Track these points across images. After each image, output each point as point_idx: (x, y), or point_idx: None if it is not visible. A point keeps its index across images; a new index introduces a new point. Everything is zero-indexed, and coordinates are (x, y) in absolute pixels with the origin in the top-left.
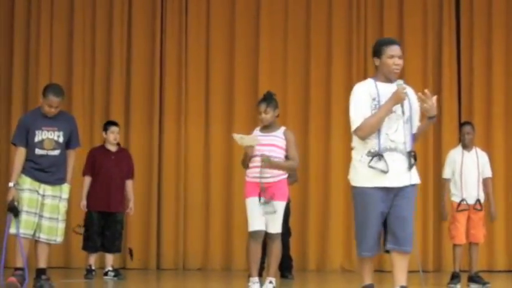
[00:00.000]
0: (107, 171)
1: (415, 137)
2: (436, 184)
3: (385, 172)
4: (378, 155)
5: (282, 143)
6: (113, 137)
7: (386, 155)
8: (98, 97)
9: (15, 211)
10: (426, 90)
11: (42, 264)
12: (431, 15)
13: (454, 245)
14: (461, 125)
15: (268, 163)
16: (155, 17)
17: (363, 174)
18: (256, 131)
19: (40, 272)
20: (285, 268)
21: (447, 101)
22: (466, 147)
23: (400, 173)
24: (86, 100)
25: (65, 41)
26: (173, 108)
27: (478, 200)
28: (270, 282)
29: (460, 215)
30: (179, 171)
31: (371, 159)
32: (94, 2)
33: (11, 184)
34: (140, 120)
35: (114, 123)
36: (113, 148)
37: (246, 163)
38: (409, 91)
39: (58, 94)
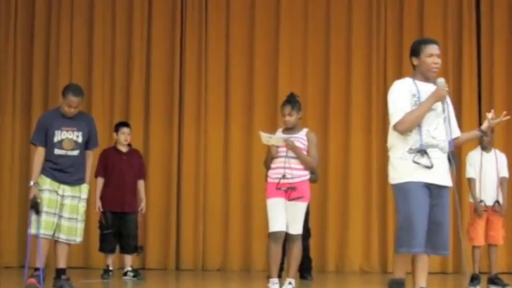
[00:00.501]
0: (119, 172)
1: (453, 143)
2: (454, 186)
3: (428, 168)
4: (421, 150)
5: (304, 144)
6: (123, 138)
7: (429, 151)
8: (118, 98)
9: (37, 208)
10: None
11: (61, 264)
12: (451, 19)
13: (473, 247)
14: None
15: (292, 145)
16: (175, 18)
17: (404, 171)
18: (279, 133)
19: (60, 272)
20: (305, 269)
21: (467, 102)
22: (484, 148)
23: (441, 172)
24: (105, 100)
25: (85, 41)
26: (193, 109)
27: (497, 202)
28: (290, 283)
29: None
30: (198, 172)
31: (414, 155)
32: (114, 2)
33: (31, 183)
34: (160, 121)
35: (125, 124)
36: (124, 149)
37: (268, 164)
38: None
39: (78, 94)
